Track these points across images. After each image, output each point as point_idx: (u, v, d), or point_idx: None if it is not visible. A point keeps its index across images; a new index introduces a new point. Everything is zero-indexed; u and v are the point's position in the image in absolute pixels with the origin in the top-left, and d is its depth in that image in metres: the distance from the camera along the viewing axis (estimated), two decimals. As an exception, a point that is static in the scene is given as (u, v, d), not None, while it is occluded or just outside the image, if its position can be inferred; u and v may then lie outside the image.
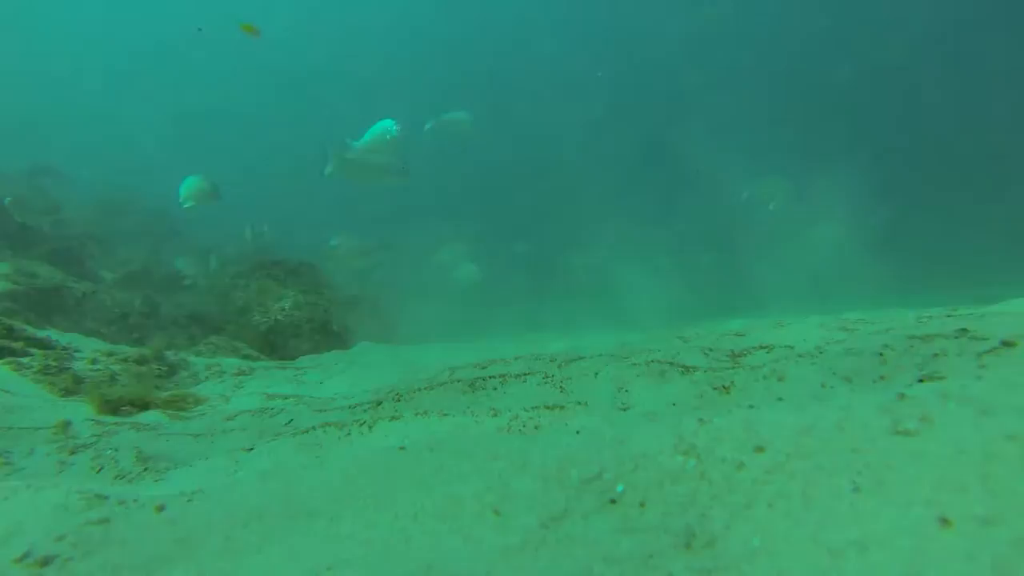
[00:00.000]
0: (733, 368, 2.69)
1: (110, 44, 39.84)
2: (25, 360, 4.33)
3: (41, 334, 5.07)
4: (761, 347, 3.46)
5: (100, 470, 2.40)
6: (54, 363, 4.36)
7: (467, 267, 12.46)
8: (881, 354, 2.36)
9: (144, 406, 3.41)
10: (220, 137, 33.27)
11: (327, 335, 9.43)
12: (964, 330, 2.55)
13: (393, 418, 2.50)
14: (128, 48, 38.99)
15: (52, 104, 32.15)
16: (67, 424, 2.93)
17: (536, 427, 2.20)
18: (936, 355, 2.22)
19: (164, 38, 38.14)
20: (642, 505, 1.26)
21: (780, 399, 2.20)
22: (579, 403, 2.49)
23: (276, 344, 9.01)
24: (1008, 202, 17.91)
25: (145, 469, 2.37)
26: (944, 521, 1.01)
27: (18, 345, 4.57)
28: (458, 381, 3.32)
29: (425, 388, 3.30)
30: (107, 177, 17.41)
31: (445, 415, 2.43)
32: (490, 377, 3.25)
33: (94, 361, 4.72)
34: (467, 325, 10.03)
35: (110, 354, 4.98)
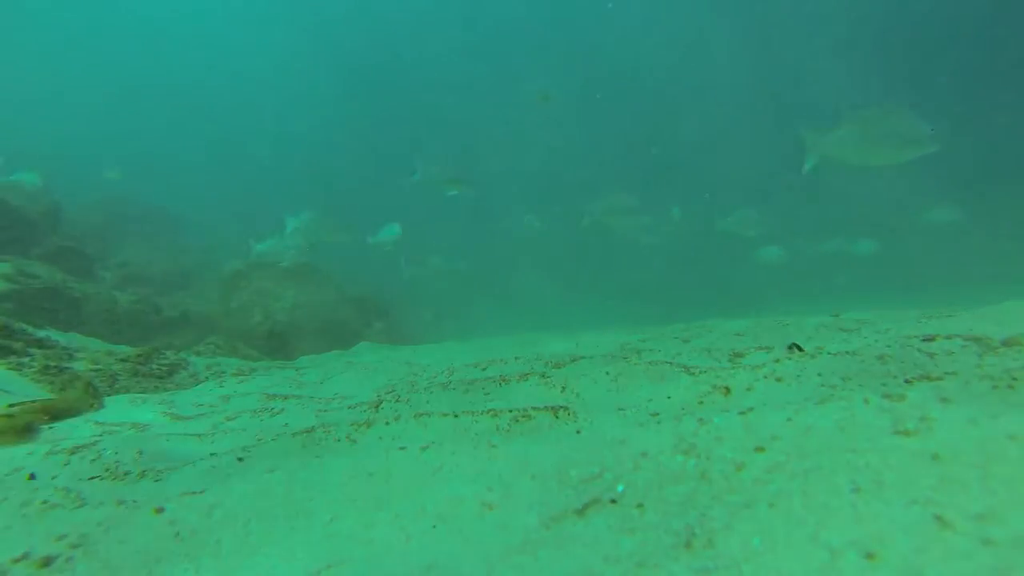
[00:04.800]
0: (733, 368, 2.69)
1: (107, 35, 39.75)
2: (25, 360, 4.33)
3: (41, 334, 5.07)
4: (761, 348, 3.46)
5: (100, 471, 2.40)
6: (54, 363, 4.36)
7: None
8: (881, 354, 2.36)
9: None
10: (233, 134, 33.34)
11: (327, 335, 9.44)
12: (964, 330, 2.55)
13: (393, 418, 2.50)
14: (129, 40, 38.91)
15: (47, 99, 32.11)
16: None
17: (536, 427, 2.20)
18: (936, 355, 2.22)
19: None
20: (642, 505, 1.26)
21: (780, 399, 2.20)
22: (579, 403, 2.49)
23: (276, 344, 9.02)
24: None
25: (145, 469, 2.37)
26: (944, 521, 1.01)
27: (18, 345, 4.57)
28: (458, 381, 3.32)
29: (425, 388, 3.30)
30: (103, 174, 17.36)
31: (445, 415, 2.43)
32: (490, 378, 3.25)
33: (94, 361, 4.72)
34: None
35: (110, 354, 4.99)
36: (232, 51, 38.75)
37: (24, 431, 2.81)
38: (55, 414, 3.17)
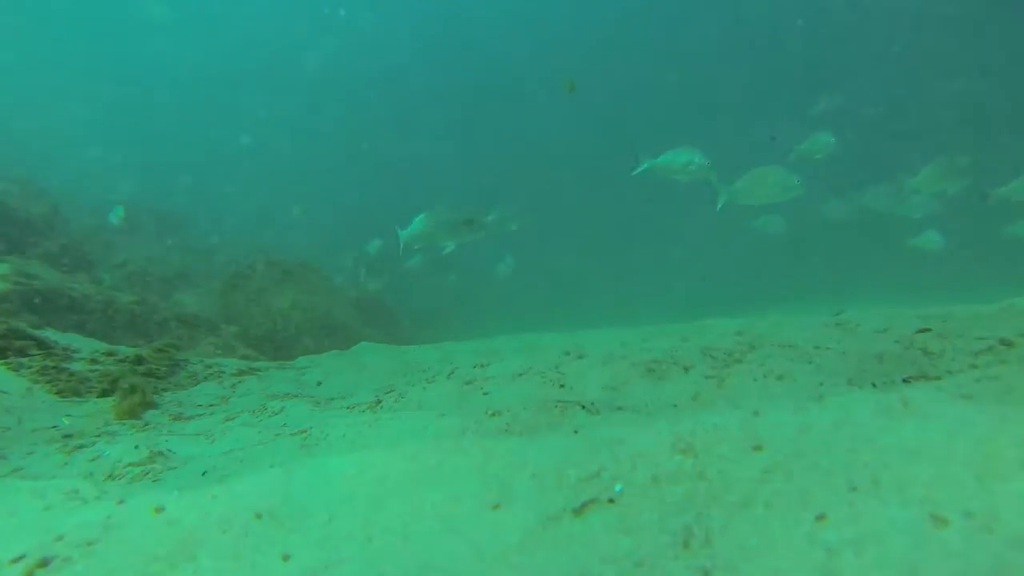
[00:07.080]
0: (732, 367, 2.69)
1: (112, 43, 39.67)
2: (24, 360, 4.33)
3: (40, 334, 5.07)
4: (760, 346, 3.46)
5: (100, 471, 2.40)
6: (52, 364, 4.36)
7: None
8: (879, 353, 2.36)
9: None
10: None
11: (327, 335, 9.44)
12: (963, 329, 2.55)
13: (392, 418, 2.50)
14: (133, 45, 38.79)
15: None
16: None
17: (534, 426, 2.21)
18: (934, 354, 2.22)
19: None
20: (640, 505, 1.26)
21: (778, 398, 2.20)
22: (578, 402, 2.49)
23: (276, 344, 9.02)
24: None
25: (145, 469, 2.37)
26: (940, 519, 1.01)
27: (17, 345, 4.57)
28: (457, 380, 3.32)
29: (424, 388, 3.30)
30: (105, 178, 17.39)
31: (443, 414, 2.44)
32: (489, 377, 3.25)
33: (93, 361, 4.71)
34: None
35: (110, 354, 4.98)
36: (232, 49, 38.73)
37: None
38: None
